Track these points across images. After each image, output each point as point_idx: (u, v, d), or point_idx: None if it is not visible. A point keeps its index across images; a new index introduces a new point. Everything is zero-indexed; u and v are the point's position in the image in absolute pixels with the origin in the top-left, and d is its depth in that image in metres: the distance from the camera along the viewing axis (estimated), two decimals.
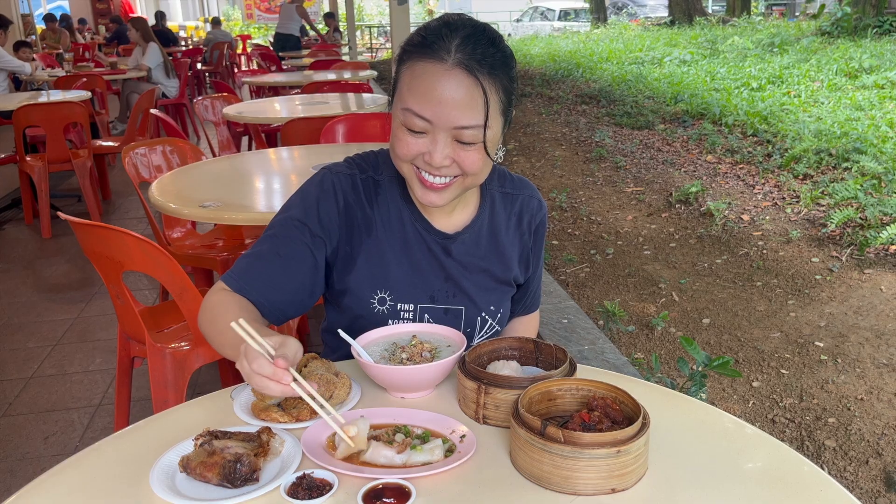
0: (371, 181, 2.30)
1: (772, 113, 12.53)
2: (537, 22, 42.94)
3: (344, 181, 2.27)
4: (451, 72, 1.99)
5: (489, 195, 2.39)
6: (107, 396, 5.03)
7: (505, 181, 2.45)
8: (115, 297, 3.67)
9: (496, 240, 2.39)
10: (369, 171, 2.32)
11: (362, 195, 2.28)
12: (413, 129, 2.04)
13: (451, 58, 1.99)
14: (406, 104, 2.03)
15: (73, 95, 9.83)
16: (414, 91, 2.02)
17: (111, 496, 1.63)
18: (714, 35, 24.67)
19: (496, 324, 2.42)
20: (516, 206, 2.44)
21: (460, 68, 1.99)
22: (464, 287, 2.34)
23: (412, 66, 2.04)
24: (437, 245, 2.31)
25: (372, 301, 2.28)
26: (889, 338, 5.43)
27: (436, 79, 1.99)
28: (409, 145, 2.06)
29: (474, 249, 2.35)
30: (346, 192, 2.26)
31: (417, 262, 2.30)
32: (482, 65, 2.00)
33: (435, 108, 1.99)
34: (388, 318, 2.29)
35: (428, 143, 2.05)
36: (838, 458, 4.23)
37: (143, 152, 5.22)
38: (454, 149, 2.05)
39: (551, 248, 7.69)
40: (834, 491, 1.60)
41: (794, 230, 7.67)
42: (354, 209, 2.26)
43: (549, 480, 1.59)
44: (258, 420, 1.87)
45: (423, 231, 2.30)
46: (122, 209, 9.89)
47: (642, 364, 5.16)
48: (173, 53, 17.83)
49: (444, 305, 2.33)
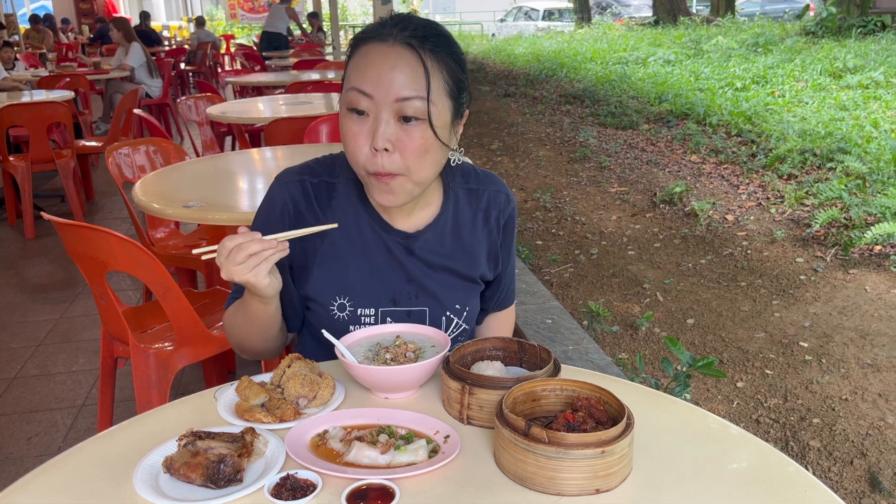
0: (324, 185, 2.31)
1: (756, 113, 12.56)
2: (521, 22, 42.94)
3: (293, 188, 2.29)
4: (394, 48, 2.04)
5: (452, 193, 2.38)
6: (90, 397, 5.02)
7: (469, 178, 2.43)
8: (99, 297, 3.66)
9: (461, 237, 2.37)
10: (323, 175, 2.32)
11: (314, 201, 2.28)
12: (357, 108, 2.05)
13: (393, 38, 2.05)
14: (350, 84, 2.07)
15: (57, 95, 9.79)
16: (357, 69, 2.06)
17: (95, 497, 1.62)
18: (698, 35, 24.72)
19: (463, 322, 2.40)
20: (482, 201, 2.41)
21: (401, 45, 2.04)
22: (427, 287, 2.33)
23: (358, 50, 2.10)
24: (399, 245, 2.30)
25: (332, 308, 2.28)
26: (873, 338, 5.44)
27: (378, 55, 2.05)
28: (355, 135, 2.06)
29: (438, 248, 2.33)
30: (295, 200, 2.27)
31: (377, 265, 2.29)
32: (424, 42, 2.05)
33: (375, 82, 2.02)
34: (350, 325, 2.28)
35: (371, 125, 2.05)
36: (823, 458, 4.24)
37: (126, 152, 5.21)
38: (397, 130, 2.04)
39: (535, 248, 7.69)
40: (818, 491, 1.60)
41: (778, 230, 7.69)
42: (305, 216, 2.27)
43: (533, 481, 1.59)
44: (242, 420, 1.86)
45: (383, 232, 2.29)
46: (106, 209, 9.87)
47: (626, 364, 5.17)
48: (157, 53, 17.80)
49: (406, 308, 2.32)
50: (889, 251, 6.87)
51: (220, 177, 4.81)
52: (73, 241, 3.43)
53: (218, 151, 8.24)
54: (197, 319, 3.58)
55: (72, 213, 8.86)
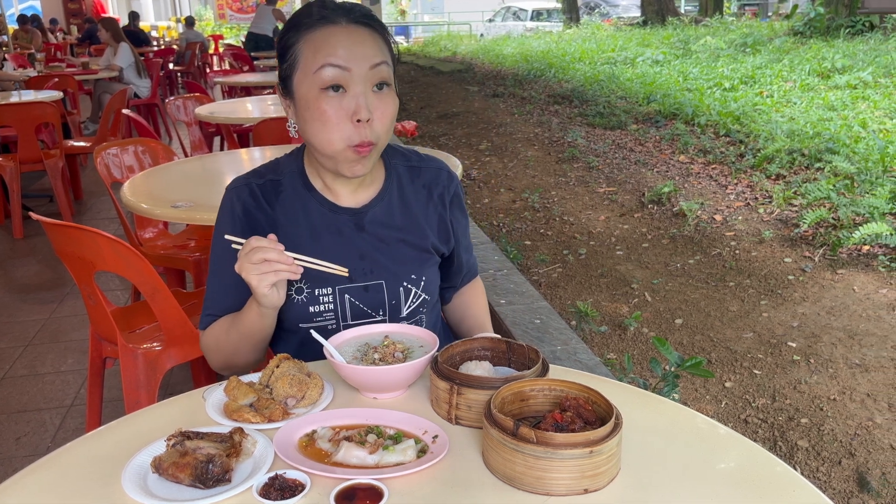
0: (270, 183, 2.42)
1: (744, 113, 12.56)
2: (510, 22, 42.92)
3: (241, 191, 2.41)
4: (349, 27, 2.19)
5: (393, 170, 2.49)
6: (79, 397, 5.01)
7: (410, 158, 2.56)
8: (87, 297, 3.65)
9: (409, 209, 2.47)
10: (268, 174, 2.44)
11: (261, 199, 2.40)
12: (334, 84, 2.15)
13: (343, 20, 2.20)
14: (318, 62, 2.16)
15: (45, 95, 9.80)
16: (321, 50, 2.17)
17: (83, 497, 1.62)
18: (687, 35, 24.73)
19: (422, 293, 2.46)
20: (423, 178, 2.52)
21: (353, 24, 2.20)
22: (380, 261, 2.40)
23: (307, 37, 2.20)
24: (349, 223, 2.39)
25: (290, 292, 2.33)
26: (862, 338, 5.45)
27: (339, 33, 2.18)
28: (335, 111, 2.17)
29: (388, 220, 2.42)
30: (244, 202, 2.39)
31: (327, 245, 2.37)
32: (370, 19, 2.25)
33: (349, 55, 2.15)
34: (309, 306, 2.35)
35: (349, 101, 2.16)
36: (811, 458, 4.25)
37: (114, 152, 5.20)
38: (374, 100, 2.18)
39: (524, 248, 7.69)
40: (806, 491, 1.61)
41: (766, 230, 7.70)
42: (255, 214, 2.38)
43: (521, 481, 1.59)
44: (230, 420, 1.87)
45: (330, 213, 2.38)
46: (94, 209, 9.85)
47: (615, 364, 5.17)
48: (145, 53, 17.78)
49: (363, 283, 2.38)
50: (877, 251, 6.89)
51: (208, 177, 4.81)
52: (61, 242, 3.42)
53: (206, 152, 8.24)
54: (185, 319, 3.58)
55: (60, 213, 8.84)
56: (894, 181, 8.20)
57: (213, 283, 2.40)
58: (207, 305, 2.41)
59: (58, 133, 9.22)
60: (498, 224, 8.54)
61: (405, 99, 18.17)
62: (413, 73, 24.66)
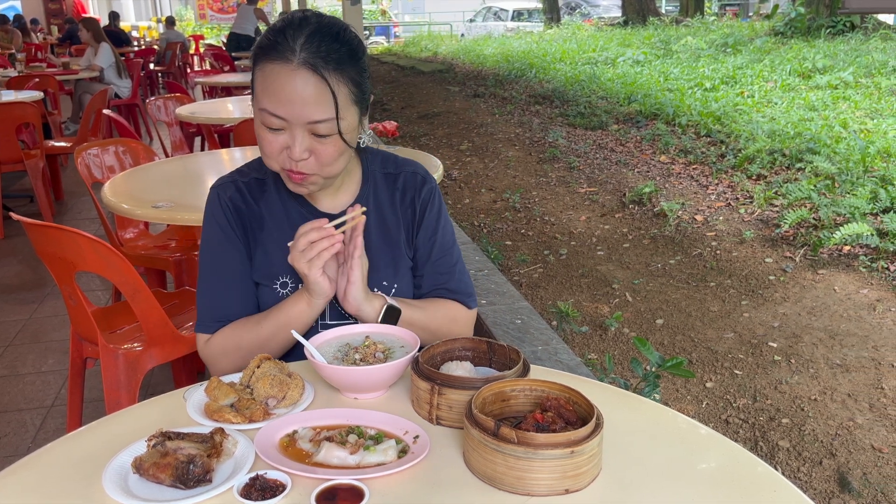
0: (255, 181, 2.46)
1: (725, 113, 12.59)
2: (490, 22, 42.91)
3: (228, 188, 2.44)
4: (298, 71, 2.10)
5: (371, 177, 2.51)
6: (59, 397, 4.99)
7: (388, 163, 2.55)
8: (68, 297, 3.65)
9: (382, 216, 2.49)
10: (252, 173, 2.47)
11: (247, 195, 2.43)
12: (272, 127, 2.16)
13: (296, 57, 2.10)
14: (261, 105, 2.15)
15: (26, 96, 9.75)
16: (266, 92, 2.14)
17: (64, 497, 1.62)
18: (667, 35, 24.75)
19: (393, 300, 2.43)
20: (398, 183, 2.52)
21: (305, 67, 2.10)
22: None
23: (262, 67, 2.16)
24: None
25: (275, 286, 2.37)
26: (842, 338, 5.47)
27: (284, 79, 2.11)
28: (271, 143, 2.19)
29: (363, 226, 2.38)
30: (232, 199, 2.41)
31: None
32: (327, 61, 2.12)
33: (287, 107, 2.12)
34: None
35: (287, 138, 2.16)
36: (792, 458, 4.26)
37: (95, 153, 5.20)
38: (311, 142, 2.17)
39: (505, 248, 7.70)
40: (788, 491, 1.61)
41: (747, 231, 7.72)
42: (243, 210, 2.42)
43: (502, 481, 1.59)
44: (211, 421, 1.86)
45: (309, 215, 2.39)
46: (75, 210, 9.82)
47: (596, 365, 5.18)
48: (126, 54, 17.75)
49: None
50: (858, 251, 6.91)
51: (189, 177, 4.81)
52: (42, 242, 3.42)
53: (187, 152, 8.22)
54: (166, 320, 3.57)
55: (41, 213, 8.79)
56: (875, 181, 8.24)
57: (212, 285, 2.39)
58: (213, 310, 2.39)
59: (38, 133, 9.18)
60: (479, 224, 8.55)
61: (386, 99, 18.19)
62: (394, 74, 24.64)
